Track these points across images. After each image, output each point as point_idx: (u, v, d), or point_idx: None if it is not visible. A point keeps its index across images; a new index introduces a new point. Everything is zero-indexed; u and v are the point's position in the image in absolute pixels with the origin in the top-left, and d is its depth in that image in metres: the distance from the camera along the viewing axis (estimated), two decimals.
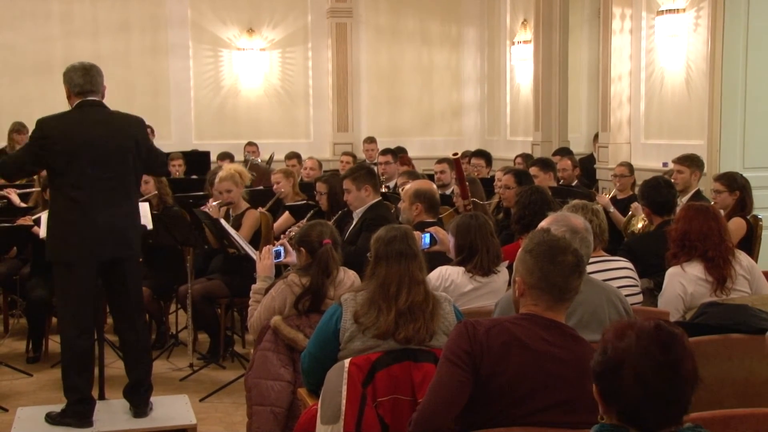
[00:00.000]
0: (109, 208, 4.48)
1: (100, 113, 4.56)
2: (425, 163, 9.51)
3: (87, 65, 4.59)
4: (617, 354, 1.97)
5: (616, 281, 3.94)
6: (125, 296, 4.69)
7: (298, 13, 12.16)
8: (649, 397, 1.92)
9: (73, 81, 4.53)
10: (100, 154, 4.46)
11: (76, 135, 4.47)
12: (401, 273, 3.23)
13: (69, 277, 4.51)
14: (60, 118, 4.55)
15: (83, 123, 4.51)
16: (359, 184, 5.56)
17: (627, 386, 1.93)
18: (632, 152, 9.03)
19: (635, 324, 2.01)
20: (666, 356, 1.93)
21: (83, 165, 4.44)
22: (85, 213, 4.44)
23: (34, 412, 4.80)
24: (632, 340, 1.96)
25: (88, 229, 4.45)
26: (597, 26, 10.26)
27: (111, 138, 4.50)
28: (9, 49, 11.18)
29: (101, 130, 4.50)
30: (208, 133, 11.86)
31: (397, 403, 3.05)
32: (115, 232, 4.51)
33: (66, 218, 4.49)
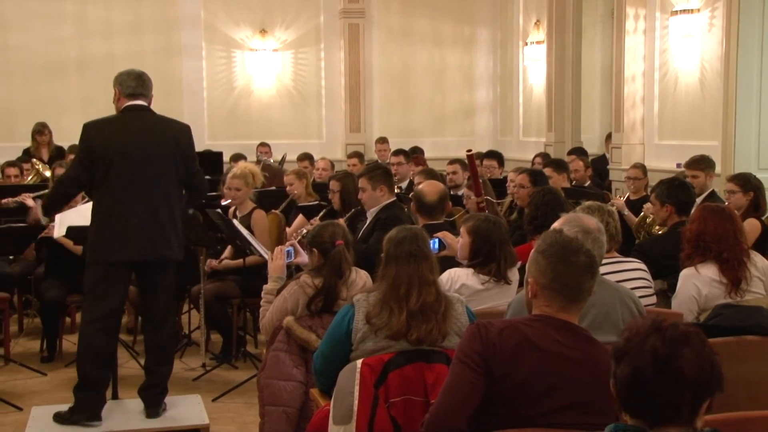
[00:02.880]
0: (148, 212, 4.52)
1: (144, 118, 4.61)
2: (437, 163, 9.48)
3: (140, 72, 4.68)
4: (623, 346, 1.98)
5: (629, 282, 3.92)
6: (155, 300, 4.73)
7: (310, 14, 12.18)
8: (642, 392, 1.93)
9: (126, 83, 4.61)
10: (139, 159, 4.52)
11: (118, 139, 4.53)
12: (411, 274, 3.23)
13: (103, 278, 4.57)
14: (103, 122, 4.64)
15: (125, 127, 4.57)
16: (375, 183, 5.56)
17: (623, 377, 1.95)
18: (645, 153, 9.00)
19: (655, 321, 2.01)
20: (668, 354, 1.92)
21: (123, 169, 4.51)
22: (124, 217, 4.52)
23: (48, 412, 4.81)
24: (641, 335, 1.96)
25: (126, 232, 4.51)
26: (610, 26, 10.23)
27: (151, 143, 4.56)
28: (22, 50, 11.24)
29: (142, 135, 4.56)
30: (220, 133, 11.89)
31: (409, 403, 3.05)
32: (153, 236, 4.55)
33: (106, 221, 4.56)
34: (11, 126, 11.11)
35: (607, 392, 2.45)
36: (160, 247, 4.59)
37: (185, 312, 7.00)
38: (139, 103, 4.60)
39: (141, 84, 4.61)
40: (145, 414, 4.71)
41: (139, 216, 4.51)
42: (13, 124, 11.11)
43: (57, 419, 4.62)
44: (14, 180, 8.34)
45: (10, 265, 6.55)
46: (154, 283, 4.70)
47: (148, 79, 4.68)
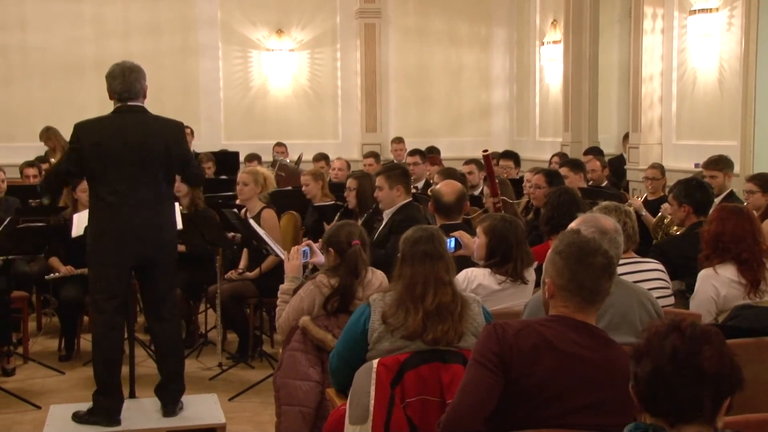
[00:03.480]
0: (142, 211, 4.53)
1: (134, 118, 4.59)
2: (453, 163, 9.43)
3: (127, 69, 4.58)
4: (643, 345, 2.00)
5: (647, 283, 3.90)
6: (157, 299, 4.73)
7: (326, 14, 12.19)
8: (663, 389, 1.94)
9: (113, 87, 4.59)
10: (131, 159, 4.51)
11: (109, 140, 4.53)
12: (426, 274, 3.22)
13: (102, 278, 4.60)
14: (94, 123, 4.63)
15: (116, 128, 4.57)
16: (392, 182, 5.56)
17: (643, 376, 1.96)
18: (663, 153, 8.95)
19: (674, 321, 2.02)
20: (688, 351, 1.94)
21: (116, 169, 4.51)
22: (119, 216, 4.52)
23: (67, 410, 4.84)
24: (661, 334, 1.98)
25: (121, 232, 4.52)
26: (628, 26, 10.19)
27: (142, 143, 4.54)
28: (41, 51, 11.32)
29: (133, 135, 4.54)
30: (237, 133, 11.93)
31: (425, 404, 3.05)
32: (148, 235, 4.56)
33: (101, 222, 4.58)
34: (30, 126, 11.16)
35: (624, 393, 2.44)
36: (155, 247, 4.59)
37: (202, 311, 7.02)
38: (131, 104, 4.58)
39: (127, 88, 4.54)
40: (161, 412, 4.73)
41: (127, 218, 4.51)
42: (33, 124, 11.16)
43: (76, 419, 4.65)
44: (33, 180, 8.40)
45: (29, 264, 6.59)
46: (154, 285, 4.69)
47: (136, 79, 4.57)
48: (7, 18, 11.28)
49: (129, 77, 4.55)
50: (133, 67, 4.60)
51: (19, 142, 10.74)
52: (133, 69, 4.59)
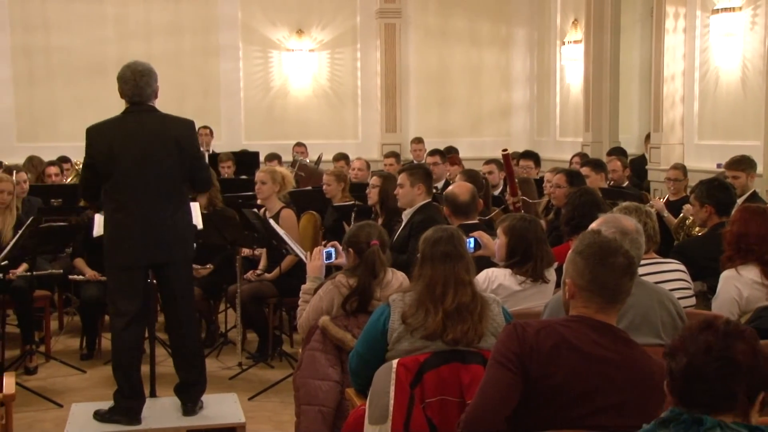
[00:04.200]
0: (154, 210, 4.51)
1: (144, 118, 4.57)
2: (473, 164, 9.43)
3: (138, 73, 4.55)
4: (677, 343, 2.04)
5: (668, 284, 3.87)
6: (172, 299, 4.71)
7: (347, 14, 12.20)
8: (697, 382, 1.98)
9: (123, 90, 4.59)
10: (141, 160, 4.50)
11: (119, 141, 4.53)
12: (446, 274, 3.21)
13: (117, 279, 4.64)
14: (103, 126, 4.63)
15: (126, 129, 4.56)
16: (414, 180, 5.56)
17: (678, 370, 2.00)
18: (685, 153, 8.89)
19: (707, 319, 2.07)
20: (722, 346, 1.98)
21: (125, 171, 4.52)
22: (132, 216, 4.53)
23: (88, 408, 4.87)
24: (694, 332, 2.02)
25: (135, 232, 4.53)
26: (649, 25, 10.13)
27: (151, 143, 4.51)
28: (64, 52, 11.41)
29: (143, 134, 4.52)
30: (257, 133, 11.96)
31: (445, 404, 3.04)
32: (161, 234, 4.53)
33: (113, 222, 4.60)
34: (54, 126, 11.29)
35: (646, 394, 2.44)
36: (165, 249, 4.56)
37: (222, 311, 7.05)
38: (144, 106, 4.57)
39: (137, 92, 4.53)
40: (181, 411, 4.75)
41: (138, 219, 4.51)
42: (56, 124, 11.30)
43: (97, 417, 4.67)
44: (55, 179, 8.47)
45: (51, 263, 6.64)
46: (168, 285, 4.67)
47: (146, 83, 4.55)
48: (31, 19, 11.38)
49: (140, 81, 4.53)
50: (143, 71, 4.56)
51: (42, 142, 10.82)
52: (144, 73, 4.56)
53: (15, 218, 6.09)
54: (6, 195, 6.10)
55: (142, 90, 4.54)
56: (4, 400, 3.81)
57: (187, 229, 4.70)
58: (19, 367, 5.90)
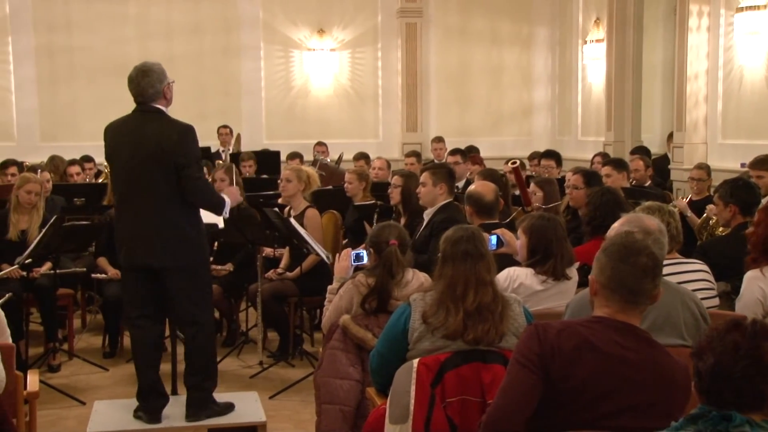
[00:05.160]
0: (142, 216, 4.50)
1: (141, 121, 4.53)
2: (494, 163, 9.43)
3: (141, 73, 4.51)
4: (704, 343, 2.05)
5: (691, 284, 3.84)
6: (171, 305, 4.65)
7: (368, 14, 12.21)
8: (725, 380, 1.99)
9: (130, 90, 4.58)
10: (133, 162, 4.49)
11: (116, 143, 4.58)
12: (467, 273, 3.20)
13: (125, 280, 4.75)
14: (112, 126, 4.67)
15: (125, 131, 4.57)
16: (437, 180, 5.55)
17: (705, 369, 2.01)
18: (708, 152, 8.82)
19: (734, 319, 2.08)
20: (750, 345, 1.99)
21: (122, 172, 4.57)
22: (124, 220, 4.59)
23: (110, 406, 4.91)
24: (722, 332, 2.03)
25: (127, 236, 4.57)
26: (673, 24, 10.05)
27: (142, 148, 4.46)
28: (86, 51, 11.50)
29: (135, 138, 4.49)
30: (278, 132, 11.99)
31: (466, 404, 3.03)
32: (141, 241, 4.50)
33: (117, 225, 4.68)
34: (76, 125, 11.39)
35: (668, 395, 2.42)
36: (152, 255, 4.50)
37: (243, 310, 7.08)
38: (145, 107, 4.53)
39: (140, 92, 4.50)
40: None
41: (127, 222, 4.55)
42: (78, 124, 11.39)
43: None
44: (77, 178, 8.54)
45: (74, 262, 6.69)
46: (165, 289, 4.59)
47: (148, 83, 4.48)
48: (53, 19, 11.47)
49: (141, 82, 4.50)
50: (147, 71, 4.52)
51: (64, 141, 10.91)
52: (147, 73, 4.51)
53: (41, 218, 6.15)
54: (33, 196, 6.15)
55: (143, 90, 4.51)
56: (29, 398, 3.85)
57: (179, 237, 4.52)
58: (42, 365, 5.94)
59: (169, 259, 4.51)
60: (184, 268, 4.56)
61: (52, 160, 9.10)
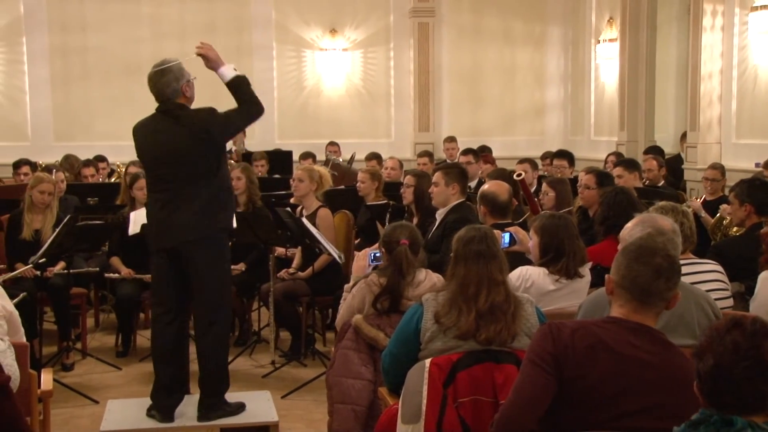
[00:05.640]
0: (168, 209, 4.55)
1: (161, 118, 4.59)
2: (507, 163, 9.43)
3: (158, 73, 4.58)
4: (705, 343, 2.03)
5: (705, 284, 3.82)
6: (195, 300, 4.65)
7: (380, 14, 12.21)
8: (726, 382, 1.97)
9: (150, 89, 4.64)
10: (153, 159, 4.61)
11: (143, 140, 4.67)
12: (480, 273, 3.20)
13: (153, 266, 4.78)
14: (139, 124, 4.73)
15: (148, 128, 4.64)
16: (449, 180, 5.54)
17: (706, 370, 1.99)
18: (722, 152, 8.78)
19: (734, 318, 2.05)
20: (750, 345, 1.96)
21: (150, 167, 4.70)
22: (152, 209, 4.67)
23: (123, 405, 4.92)
24: (722, 331, 2.01)
25: (152, 223, 4.67)
26: (686, 23, 10.01)
27: (167, 143, 4.53)
28: (100, 51, 11.54)
29: (157, 135, 4.58)
30: (290, 132, 12.01)
31: (478, 404, 3.03)
32: (172, 230, 4.55)
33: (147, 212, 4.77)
34: (90, 125, 11.45)
35: (682, 396, 2.41)
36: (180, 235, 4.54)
37: (255, 309, 7.09)
38: (166, 105, 4.59)
39: (158, 91, 4.57)
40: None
41: (153, 212, 4.65)
42: (92, 124, 11.45)
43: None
44: (91, 180, 8.58)
45: (87, 261, 6.72)
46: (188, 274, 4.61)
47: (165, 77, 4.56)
48: (67, 19, 11.52)
49: (158, 82, 4.56)
50: (164, 70, 4.58)
51: (78, 141, 10.96)
52: (164, 72, 4.58)
53: (55, 217, 6.18)
54: (47, 196, 6.18)
55: (161, 90, 4.57)
56: (42, 396, 3.86)
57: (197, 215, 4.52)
58: (56, 364, 5.97)
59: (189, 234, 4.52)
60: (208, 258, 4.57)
61: (67, 159, 9.15)
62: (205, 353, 4.68)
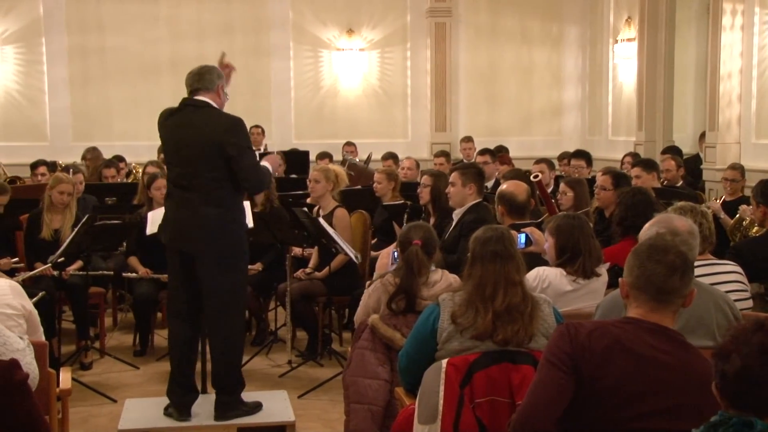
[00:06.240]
0: (182, 206, 4.56)
1: (189, 112, 4.61)
2: (524, 163, 9.42)
3: (203, 67, 4.71)
4: (729, 344, 2.00)
5: (724, 285, 3.79)
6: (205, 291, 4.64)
7: (397, 14, 12.20)
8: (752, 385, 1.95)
9: (186, 81, 4.69)
10: (182, 153, 4.58)
11: (168, 132, 4.68)
12: (497, 274, 3.19)
13: (168, 264, 4.79)
14: (163, 113, 4.75)
15: (174, 121, 4.65)
16: (466, 180, 5.54)
17: (731, 373, 1.97)
18: (742, 152, 8.72)
19: (759, 320, 2.03)
20: None
21: (172, 161, 4.68)
22: (169, 204, 4.69)
23: (141, 404, 4.94)
24: (747, 333, 1.99)
25: (168, 219, 4.67)
26: (706, 23, 9.95)
27: (193, 139, 4.54)
28: (118, 51, 11.60)
29: (185, 130, 4.58)
30: (307, 132, 12.02)
31: (495, 404, 3.02)
32: (183, 229, 4.57)
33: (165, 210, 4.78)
34: (108, 125, 11.51)
35: (700, 397, 2.39)
36: (186, 241, 4.57)
37: (272, 309, 7.10)
38: (194, 99, 4.63)
39: (198, 79, 4.63)
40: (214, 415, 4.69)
41: (174, 209, 4.63)
42: (110, 124, 11.51)
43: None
44: (111, 180, 8.63)
45: (105, 261, 6.76)
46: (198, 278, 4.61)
47: (208, 71, 4.66)
48: (86, 20, 11.59)
49: (201, 71, 4.66)
50: (209, 67, 4.72)
51: (96, 141, 11.00)
52: (209, 69, 4.71)
53: (74, 217, 6.22)
54: (65, 196, 6.23)
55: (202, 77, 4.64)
56: (61, 395, 3.89)
57: (218, 226, 4.54)
58: (74, 363, 6.01)
59: (204, 247, 4.54)
60: (217, 259, 4.57)
61: (92, 151, 9.25)
62: (220, 352, 4.68)
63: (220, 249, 4.57)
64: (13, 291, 3.55)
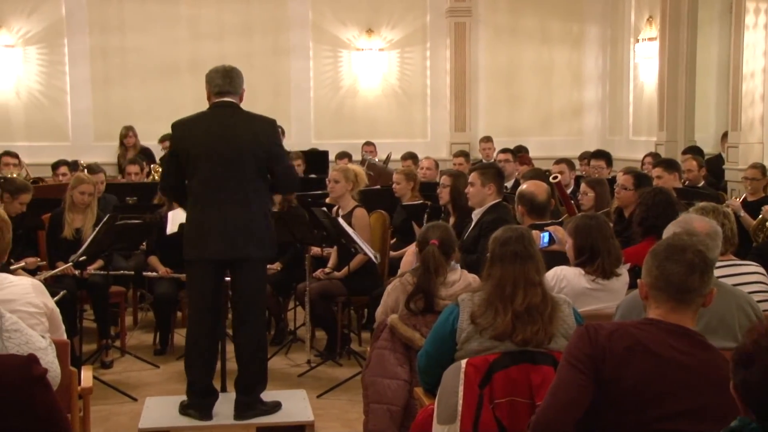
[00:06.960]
0: (224, 210, 4.53)
1: (228, 115, 4.60)
2: (544, 163, 9.38)
3: (228, 67, 4.69)
4: (751, 349, 1.95)
5: (746, 286, 3.76)
6: (242, 295, 4.67)
7: (417, 14, 12.19)
8: None
9: (213, 81, 4.65)
10: (220, 156, 4.53)
11: (201, 136, 4.59)
12: (516, 274, 3.19)
13: (190, 274, 4.75)
14: (189, 120, 4.70)
15: (209, 124, 4.61)
16: (485, 180, 5.52)
17: (754, 379, 1.91)
18: (765, 152, 8.64)
19: None
20: None
21: (205, 166, 4.56)
22: (203, 213, 4.58)
23: (161, 402, 4.97)
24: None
25: (204, 228, 4.57)
26: (728, 22, 9.87)
27: (232, 140, 4.53)
28: (139, 52, 11.65)
29: (224, 132, 4.56)
30: (326, 132, 12.03)
31: (514, 405, 3.01)
32: (226, 235, 4.53)
33: (191, 217, 4.67)
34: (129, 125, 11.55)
35: (722, 399, 2.37)
36: (235, 247, 4.53)
37: (291, 309, 7.11)
38: (226, 100, 4.62)
39: (228, 81, 4.61)
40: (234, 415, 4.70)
41: (212, 216, 4.54)
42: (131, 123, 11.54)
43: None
44: (135, 178, 8.68)
45: (126, 260, 6.79)
46: (240, 282, 4.64)
47: (237, 75, 4.66)
48: (107, 21, 11.65)
49: (230, 73, 4.65)
50: (233, 68, 4.71)
51: (117, 141, 11.08)
52: (234, 69, 4.70)
53: (95, 216, 6.26)
54: (87, 196, 6.28)
55: (232, 80, 4.64)
56: (82, 393, 3.91)
57: (263, 229, 4.61)
58: (95, 361, 6.05)
59: (256, 251, 4.59)
60: (259, 262, 4.66)
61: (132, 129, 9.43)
62: (242, 352, 4.71)
63: (266, 252, 4.68)
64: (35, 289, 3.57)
